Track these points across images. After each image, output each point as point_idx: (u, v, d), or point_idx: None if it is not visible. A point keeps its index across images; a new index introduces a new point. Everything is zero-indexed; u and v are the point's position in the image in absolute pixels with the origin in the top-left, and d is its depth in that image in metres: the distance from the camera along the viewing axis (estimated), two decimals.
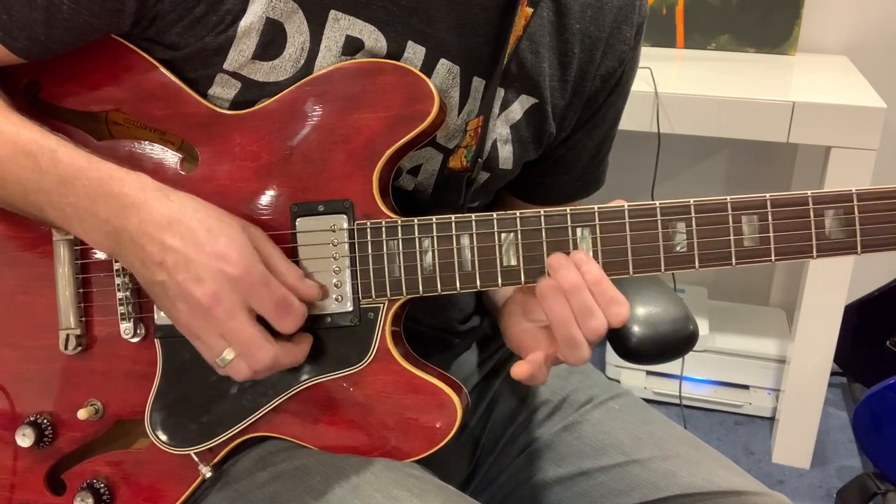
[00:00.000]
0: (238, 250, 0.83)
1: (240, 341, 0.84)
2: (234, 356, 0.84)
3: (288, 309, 0.85)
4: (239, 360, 0.84)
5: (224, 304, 0.82)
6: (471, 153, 0.98)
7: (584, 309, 0.85)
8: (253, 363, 0.85)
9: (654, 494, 1.00)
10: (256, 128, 0.90)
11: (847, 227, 0.81)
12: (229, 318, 0.83)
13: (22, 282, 0.97)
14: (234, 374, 0.86)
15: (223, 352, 0.84)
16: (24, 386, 0.98)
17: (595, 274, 0.85)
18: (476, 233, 0.87)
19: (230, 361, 0.84)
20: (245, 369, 0.85)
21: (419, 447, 0.91)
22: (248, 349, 0.84)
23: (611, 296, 0.85)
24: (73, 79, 0.93)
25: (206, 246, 0.82)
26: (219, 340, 0.84)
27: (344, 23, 0.89)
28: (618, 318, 0.86)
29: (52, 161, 0.85)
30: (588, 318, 0.85)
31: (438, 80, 0.94)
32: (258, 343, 0.84)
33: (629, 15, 1.01)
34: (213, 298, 0.82)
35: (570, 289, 0.85)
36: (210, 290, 0.82)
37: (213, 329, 0.83)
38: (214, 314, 0.82)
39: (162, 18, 0.87)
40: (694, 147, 2.70)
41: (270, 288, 0.84)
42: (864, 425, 2.07)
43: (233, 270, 0.82)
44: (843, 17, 2.49)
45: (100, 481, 0.97)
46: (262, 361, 0.84)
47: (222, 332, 0.83)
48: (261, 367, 0.85)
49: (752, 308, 2.78)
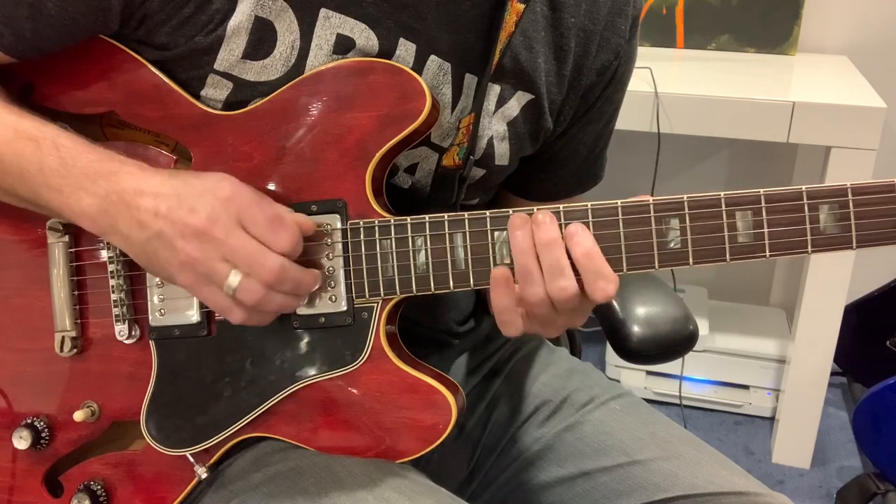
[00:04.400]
0: (228, 181, 0.84)
1: (243, 254, 0.82)
2: (240, 277, 0.82)
3: (281, 222, 0.84)
4: (248, 280, 0.82)
5: (220, 223, 0.82)
6: (463, 151, 0.97)
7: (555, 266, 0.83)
8: (263, 274, 0.82)
9: (655, 495, 1.00)
10: (249, 128, 0.90)
11: (842, 221, 0.81)
12: (228, 236, 0.82)
13: (17, 285, 0.98)
14: (247, 296, 0.83)
15: (228, 277, 0.82)
16: (21, 388, 0.99)
17: (586, 245, 0.83)
18: (469, 231, 0.87)
19: (238, 284, 0.82)
20: (255, 286, 0.83)
21: (414, 447, 0.90)
22: (254, 259, 0.82)
23: (598, 269, 0.83)
24: (66, 81, 0.93)
25: (196, 185, 0.84)
26: (223, 265, 0.82)
27: (335, 21, 0.89)
28: (603, 293, 0.83)
29: (53, 145, 0.86)
30: (557, 276, 0.83)
31: (429, 76, 0.94)
32: (263, 251, 0.83)
33: (623, 7, 1.01)
34: (208, 220, 0.82)
35: (545, 243, 0.83)
36: (204, 214, 0.82)
37: (214, 253, 0.82)
38: (213, 235, 0.82)
39: (150, 18, 0.87)
40: (694, 147, 2.70)
41: (261, 205, 0.84)
42: (864, 425, 2.07)
43: (223, 193, 0.83)
44: (843, 17, 2.49)
45: (97, 483, 0.97)
46: (271, 269, 0.82)
47: (223, 252, 0.82)
48: (271, 276, 0.83)
49: (752, 308, 2.78)
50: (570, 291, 0.82)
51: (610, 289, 0.83)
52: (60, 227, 0.94)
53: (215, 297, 0.85)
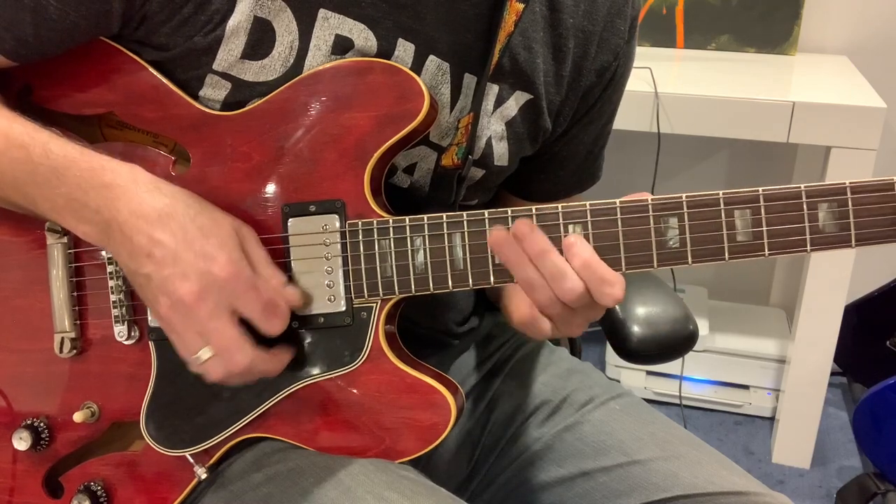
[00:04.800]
0: (227, 253, 0.83)
1: (219, 341, 0.83)
2: (210, 356, 0.84)
3: (275, 310, 0.86)
4: (215, 361, 0.84)
5: (207, 303, 0.82)
6: (462, 150, 0.97)
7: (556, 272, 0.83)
8: (230, 365, 0.84)
9: (655, 495, 1.00)
10: (247, 128, 0.90)
11: (841, 220, 0.80)
12: (211, 319, 0.83)
13: (17, 286, 0.98)
14: (208, 373, 0.85)
15: (199, 350, 0.84)
16: (20, 389, 0.99)
17: (583, 256, 0.82)
18: (468, 231, 0.87)
19: (206, 360, 0.84)
20: (220, 370, 0.85)
21: (413, 446, 0.90)
22: (227, 350, 0.84)
23: (600, 276, 0.82)
24: (65, 82, 0.93)
25: (195, 244, 0.82)
26: (197, 338, 0.84)
27: (333, 21, 0.89)
28: (610, 297, 0.82)
29: (44, 153, 0.86)
30: (560, 280, 0.83)
31: (428, 76, 0.94)
32: (238, 345, 0.84)
33: (622, 8, 1.01)
34: (196, 297, 0.82)
35: (536, 255, 0.83)
36: (195, 288, 0.82)
37: (192, 327, 0.83)
38: (196, 312, 0.82)
39: (150, 19, 0.87)
40: (694, 147, 2.70)
41: (258, 290, 0.84)
42: (864, 425, 2.07)
43: (220, 272, 0.82)
44: (843, 17, 2.49)
45: (97, 484, 0.97)
46: (239, 363, 0.84)
47: (201, 330, 0.83)
48: (237, 369, 0.85)
49: (752, 308, 2.78)
50: (578, 291, 0.82)
51: (617, 292, 0.82)
52: (59, 228, 0.94)
53: (182, 352, 0.86)
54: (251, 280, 0.84)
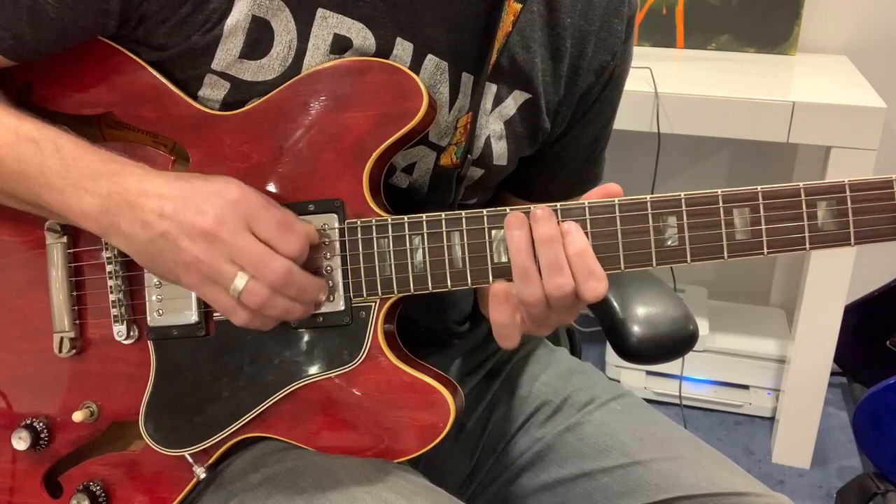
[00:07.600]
0: (235, 184, 0.85)
1: (251, 256, 0.82)
2: (246, 279, 0.82)
3: (290, 226, 0.85)
4: (254, 282, 0.83)
5: (228, 224, 0.82)
6: (460, 150, 0.97)
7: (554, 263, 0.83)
8: (269, 275, 0.83)
9: (656, 496, 1.00)
10: (246, 128, 0.90)
11: (840, 218, 0.80)
12: (236, 237, 0.82)
13: (16, 286, 0.98)
14: (252, 298, 0.83)
15: (235, 278, 0.83)
16: (20, 389, 0.99)
17: (579, 244, 0.83)
18: (466, 230, 0.87)
19: (244, 286, 0.83)
20: (261, 289, 0.83)
21: (413, 446, 0.90)
22: (261, 262, 0.82)
23: (590, 268, 0.83)
24: (65, 82, 0.93)
25: (202, 187, 0.84)
26: (228, 266, 0.83)
27: (332, 21, 0.89)
28: (593, 292, 0.82)
29: (55, 146, 0.86)
30: (555, 273, 0.83)
31: (426, 75, 0.94)
32: (270, 254, 0.83)
33: (619, 8, 1.01)
34: (216, 221, 0.82)
35: (544, 240, 0.83)
36: (212, 215, 0.82)
37: (220, 254, 0.82)
38: (220, 237, 0.82)
39: (149, 19, 0.87)
40: (694, 147, 2.70)
41: (270, 209, 0.85)
42: (864, 425, 2.07)
43: (231, 195, 0.83)
44: (843, 17, 2.50)
45: (96, 483, 0.97)
46: (277, 272, 0.83)
47: (230, 253, 0.82)
48: (277, 279, 0.83)
49: (752, 308, 2.78)
50: (567, 289, 0.82)
51: (600, 288, 0.83)
52: (59, 227, 0.94)
53: (219, 297, 0.85)
54: (262, 202, 0.85)
